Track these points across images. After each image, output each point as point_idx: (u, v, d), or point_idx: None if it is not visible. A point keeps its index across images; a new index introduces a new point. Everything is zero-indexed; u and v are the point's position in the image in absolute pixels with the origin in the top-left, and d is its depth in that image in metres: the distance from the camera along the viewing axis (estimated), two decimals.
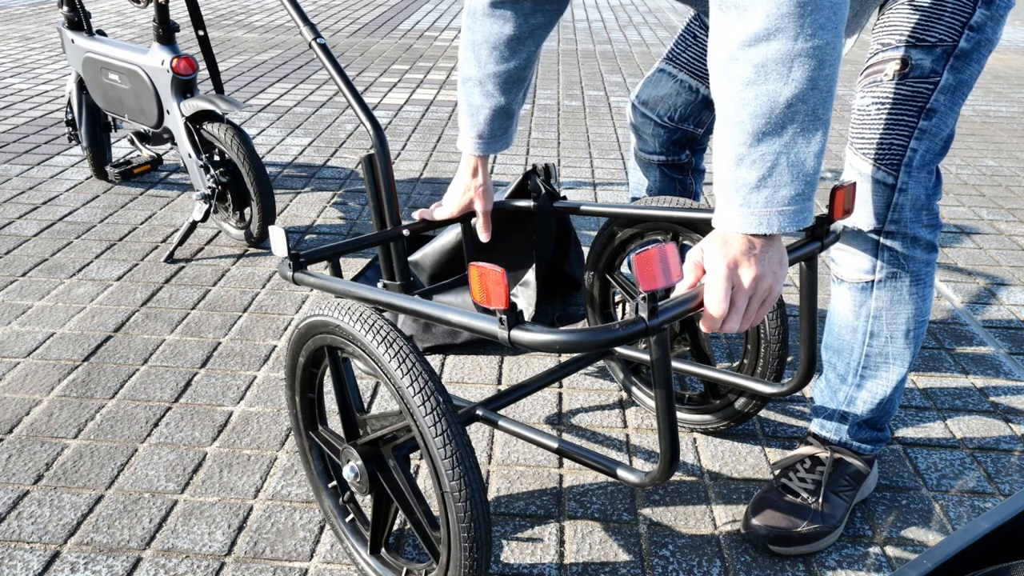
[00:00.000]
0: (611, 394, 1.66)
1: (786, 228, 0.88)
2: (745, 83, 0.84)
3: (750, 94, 0.84)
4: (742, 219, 0.88)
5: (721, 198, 0.90)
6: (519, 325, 0.87)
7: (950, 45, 1.07)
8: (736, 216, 0.88)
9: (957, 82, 1.09)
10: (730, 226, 0.88)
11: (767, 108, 0.84)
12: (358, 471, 1.10)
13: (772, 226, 0.87)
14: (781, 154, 0.85)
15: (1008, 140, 3.55)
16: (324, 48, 1.71)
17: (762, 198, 0.86)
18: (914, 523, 1.33)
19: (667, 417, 0.93)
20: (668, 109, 1.43)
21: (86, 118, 2.58)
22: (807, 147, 0.86)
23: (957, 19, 1.06)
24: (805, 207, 0.88)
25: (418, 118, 3.64)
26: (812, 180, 0.87)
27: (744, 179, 0.87)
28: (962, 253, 2.37)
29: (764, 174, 0.86)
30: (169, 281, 2.08)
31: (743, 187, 0.87)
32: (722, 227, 0.89)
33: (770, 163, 0.85)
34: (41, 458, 1.43)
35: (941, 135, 1.12)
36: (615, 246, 1.48)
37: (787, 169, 0.86)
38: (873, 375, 1.26)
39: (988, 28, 1.07)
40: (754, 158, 0.86)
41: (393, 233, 1.44)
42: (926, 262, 1.18)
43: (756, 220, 0.87)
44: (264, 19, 5.99)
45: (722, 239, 0.89)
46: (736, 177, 0.87)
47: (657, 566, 1.23)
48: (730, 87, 0.85)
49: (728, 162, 0.88)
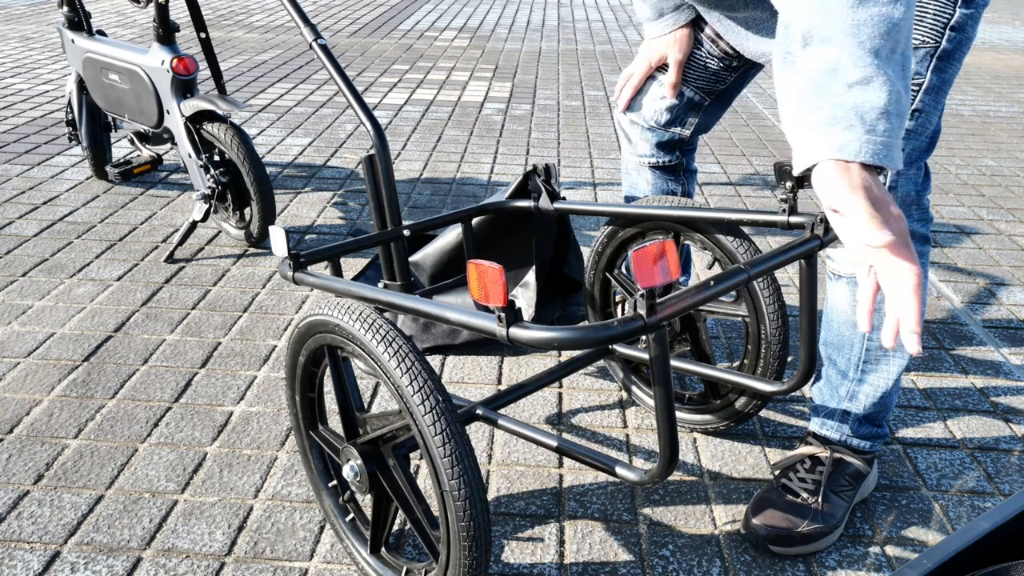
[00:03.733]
0: (611, 394, 1.66)
1: (899, 166, 0.80)
2: (854, 5, 0.79)
3: (863, 14, 0.78)
4: (871, 147, 0.78)
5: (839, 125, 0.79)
6: (517, 323, 0.87)
7: (932, 47, 1.08)
8: (862, 143, 0.78)
9: (940, 81, 1.10)
10: (851, 154, 0.78)
11: (885, 28, 0.78)
12: (358, 470, 1.10)
13: (894, 158, 0.79)
14: (898, 81, 0.79)
15: (1008, 140, 3.55)
16: (324, 48, 1.71)
17: (887, 127, 0.78)
18: (914, 523, 1.33)
19: (666, 415, 0.93)
20: (654, 113, 1.43)
21: (86, 118, 2.58)
22: (905, 79, 0.80)
23: (939, 20, 1.07)
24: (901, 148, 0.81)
25: (418, 118, 3.64)
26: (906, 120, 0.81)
27: (873, 103, 0.78)
28: (962, 253, 2.37)
29: (892, 99, 0.78)
30: (169, 281, 2.08)
31: (871, 111, 0.78)
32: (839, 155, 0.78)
33: (896, 89, 0.79)
34: (41, 458, 1.43)
35: (926, 133, 1.13)
36: (615, 246, 1.48)
37: (903, 100, 0.79)
38: (874, 369, 1.26)
39: (969, 27, 1.08)
40: (883, 80, 0.78)
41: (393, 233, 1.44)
42: (920, 254, 1.19)
43: (883, 150, 0.78)
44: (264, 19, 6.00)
45: (840, 171, 0.79)
46: (862, 100, 0.78)
47: (657, 566, 1.23)
48: (836, 12, 0.79)
49: (846, 89, 0.79)
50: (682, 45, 1.36)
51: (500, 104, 3.91)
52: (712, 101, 1.43)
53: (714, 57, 1.36)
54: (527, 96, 4.08)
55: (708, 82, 1.39)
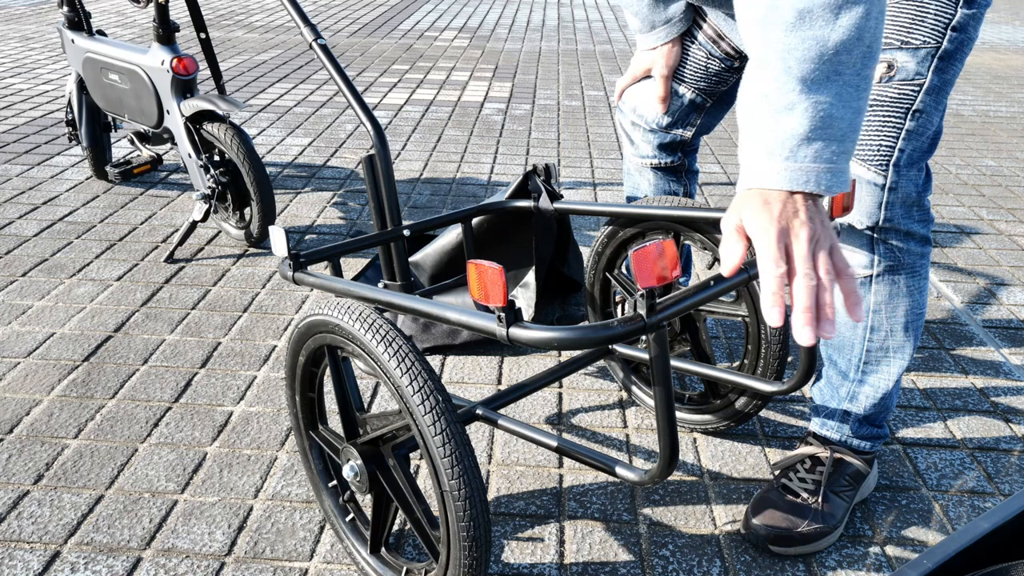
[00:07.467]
0: (611, 394, 1.66)
1: (833, 188, 0.81)
2: (789, 28, 0.79)
3: (795, 39, 0.79)
4: (789, 174, 0.80)
5: (760, 153, 0.82)
6: (517, 323, 0.87)
7: (934, 47, 1.08)
8: (781, 171, 0.80)
9: (941, 82, 1.10)
10: (772, 182, 0.80)
11: (816, 53, 0.78)
12: (358, 470, 1.10)
13: (820, 183, 0.80)
14: (833, 105, 0.79)
15: (1008, 140, 3.55)
16: (324, 48, 1.71)
17: (811, 152, 0.80)
18: (914, 523, 1.33)
19: (666, 415, 0.93)
20: (656, 114, 1.43)
21: (86, 118, 2.58)
22: (855, 102, 0.80)
23: (940, 21, 1.07)
24: (847, 168, 0.82)
25: (418, 118, 3.64)
26: (856, 140, 0.82)
27: (794, 129, 0.79)
28: (962, 253, 2.37)
29: (816, 124, 0.79)
30: (169, 281, 2.08)
31: (791, 138, 0.80)
32: (761, 184, 0.81)
33: (823, 113, 0.79)
34: (41, 458, 1.43)
35: (927, 134, 1.13)
36: (615, 246, 1.48)
37: (839, 123, 0.80)
38: (874, 370, 1.26)
39: (970, 28, 1.08)
40: (806, 106, 0.79)
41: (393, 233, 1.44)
42: (920, 255, 1.19)
43: (804, 176, 0.80)
44: (264, 19, 6.00)
45: (762, 199, 0.81)
46: (783, 128, 0.80)
47: (657, 566, 1.23)
48: (771, 35, 0.80)
49: (773, 115, 0.80)
50: (668, 60, 1.38)
51: (500, 104, 3.91)
52: (714, 102, 1.43)
53: (715, 58, 1.36)
54: (527, 96, 4.08)
55: (710, 83, 1.39)
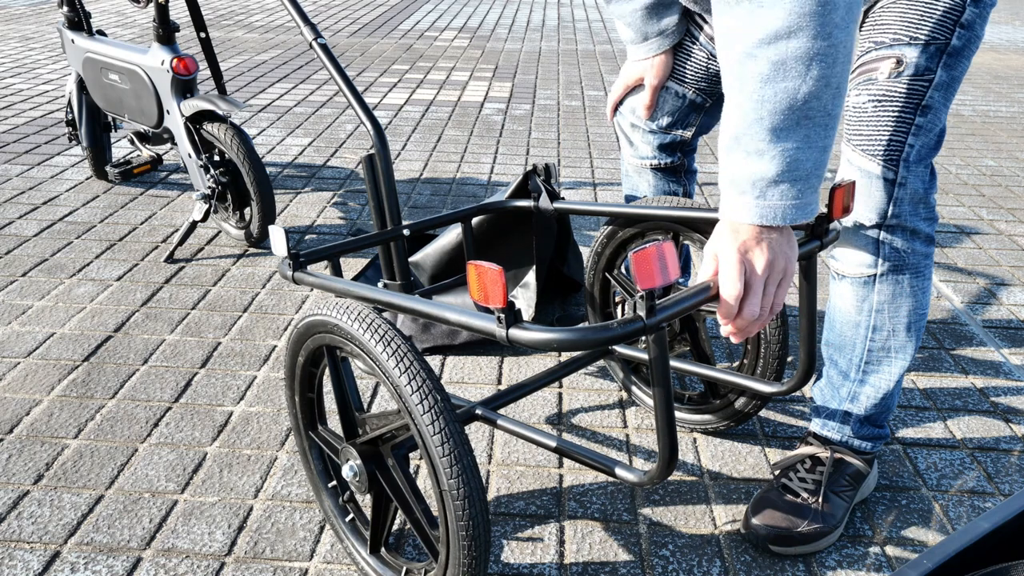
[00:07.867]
0: (611, 394, 1.66)
1: (798, 219, 0.89)
2: (763, 80, 0.84)
3: (769, 91, 0.85)
4: (758, 211, 0.89)
5: (733, 191, 0.90)
6: (517, 323, 0.87)
7: (943, 43, 1.10)
8: (751, 208, 0.89)
9: (950, 79, 1.12)
10: (743, 217, 0.89)
11: (786, 105, 0.85)
12: (357, 470, 1.10)
13: (786, 217, 0.89)
14: (800, 149, 0.87)
15: (1008, 140, 3.54)
16: (325, 48, 1.71)
17: (778, 192, 0.88)
18: (914, 523, 1.33)
19: (665, 416, 0.93)
20: (656, 115, 1.43)
21: (86, 118, 2.58)
22: (822, 141, 0.88)
23: (949, 17, 1.09)
24: (814, 199, 0.90)
25: (418, 118, 3.64)
26: (823, 173, 0.89)
27: (763, 173, 0.88)
28: (962, 253, 2.37)
29: (784, 168, 0.87)
30: (169, 281, 2.08)
31: (761, 180, 0.88)
32: (734, 218, 0.90)
33: (790, 158, 0.87)
34: (41, 458, 1.43)
35: (935, 130, 1.15)
36: (615, 246, 1.48)
37: (804, 164, 0.88)
38: (876, 370, 1.26)
39: (977, 25, 1.10)
40: (774, 154, 0.87)
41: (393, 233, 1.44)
42: (925, 255, 1.20)
43: (771, 212, 0.89)
44: (264, 19, 6.00)
45: (732, 229, 0.90)
46: (754, 171, 0.88)
47: (657, 566, 1.23)
48: (747, 84, 0.86)
49: (744, 156, 0.88)
50: (659, 71, 1.39)
51: (500, 104, 3.91)
52: (713, 102, 1.43)
53: (715, 59, 1.36)
54: (527, 96, 4.08)
55: (709, 84, 1.39)
